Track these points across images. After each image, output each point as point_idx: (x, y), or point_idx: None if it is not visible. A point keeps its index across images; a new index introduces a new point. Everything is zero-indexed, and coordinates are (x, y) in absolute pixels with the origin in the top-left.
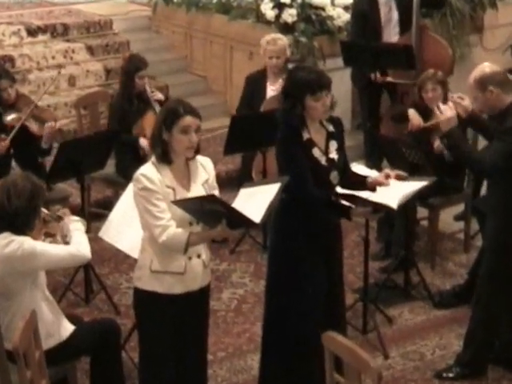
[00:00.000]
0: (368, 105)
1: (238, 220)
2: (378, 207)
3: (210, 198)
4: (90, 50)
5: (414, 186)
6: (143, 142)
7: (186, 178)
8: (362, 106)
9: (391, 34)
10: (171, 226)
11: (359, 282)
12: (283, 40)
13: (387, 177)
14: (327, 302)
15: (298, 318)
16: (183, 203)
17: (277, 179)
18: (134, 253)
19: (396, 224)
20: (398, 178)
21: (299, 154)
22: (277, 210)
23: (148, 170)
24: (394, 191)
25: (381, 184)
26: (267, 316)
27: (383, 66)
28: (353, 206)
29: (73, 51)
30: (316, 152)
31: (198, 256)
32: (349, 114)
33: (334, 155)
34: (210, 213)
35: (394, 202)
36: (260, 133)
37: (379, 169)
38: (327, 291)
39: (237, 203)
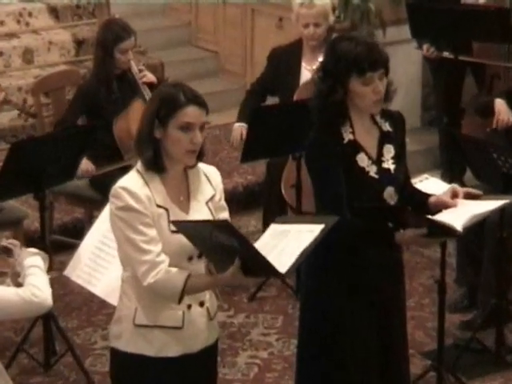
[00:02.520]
0: (445, 92)
1: (257, 264)
2: (435, 230)
3: (221, 225)
4: (55, 12)
5: (489, 205)
6: (85, 165)
7: (183, 194)
8: (436, 93)
9: None
10: (162, 262)
11: (432, 342)
12: (324, 0)
13: (454, 195)
14: (381, 370)
15: None
16: (187, 227)
17: (321, 218)
18: (114, 298)
19: (484, 260)
20: (469, 196)
21: (333, 166)
22: None
23: (131, 182)
24: (460, 210)
25: (446, 205)
26: None
27: (466, 38)
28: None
29: (30, 14)
30: (362, 159)
31: (201, 304)
32: (418, 104)
33: (389, 165)
34: (221, 247)
35: (458, 223)
36: (291, 131)
37: (461, 183)
38: (381, 354)
39: (262, 241)
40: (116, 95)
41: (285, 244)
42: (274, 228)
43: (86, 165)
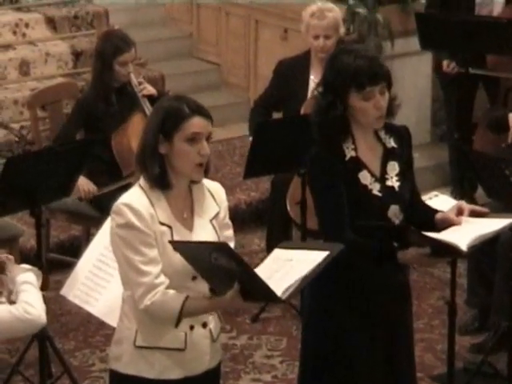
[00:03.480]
0: (456, 107)
1: (256, 289)
2: (438, 249)
3: (221, 247)
4: (52, 23)
5: (496, 224)
6: (80, 180)
7: (187, 211)
8: (447, 107)
9: (491, 3)
10: (160, 285)
11: (441, 365)
12: (335, 11)
13: (459, 212)
14: None
15: None
16: (185, 248)
17: (327, 245)
18: (112, 319)
19: (496, 281)
20: (475, 214)
21: (335, 184)
22: None
23: (134, 199)
24: (465, 229)
25: (450, 222)
26: None
27: (478, 50)
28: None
29: (26, 25)
30: (365, 177)
31: (204, 325)
32: (428, 119)
33: (393, 182)
34: (220, 270)
35: (462, 242)
36: (296, 146)
37: (472, 200)
38: (387, 376)
39: (264, 266)
40: (115, 108)
41: (287, 269)
42: (277, 253)
43: (87, 185)
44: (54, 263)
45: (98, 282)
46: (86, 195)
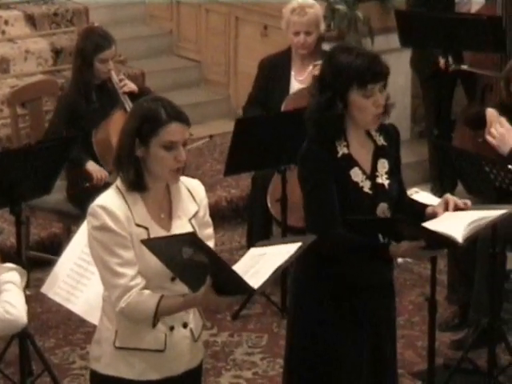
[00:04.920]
0: (436, 103)
1: (227, 280)
2: (432, 241)
3: (187, 238)
4: (31, 20)
5: (487, 215)
6: (92, 167)
7: (165, 211)
8: (426, 104)
9: (469, 2)
10: (136, 286)
11: (422, 362)
12: (316, 8)
13: (446, 206)
14: None
15: None
16: (155, 245)
17: (299, 238)
18: (93, 317)
19: (476, 277)
20: (459, 208)
21: (326, 181)
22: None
23: (110, 201)
24: (456, 220)
25: (436, 215)
26: None
27: (458, 48)
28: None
29: (6, 22)
30: (356, 174)
31: (184, 325)
32: (407, 116)
33: (383, 180)
34: (192, 265)
35: (457, 233)
36: (278, 143)
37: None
38: (370, 375)
39: (240, 263)
40: (96, 106)
41: (262, 263)
42: (252, 251)
43: (99, 172)
44: (35, 261)
45: (78, 280)
46: (98, 181)
